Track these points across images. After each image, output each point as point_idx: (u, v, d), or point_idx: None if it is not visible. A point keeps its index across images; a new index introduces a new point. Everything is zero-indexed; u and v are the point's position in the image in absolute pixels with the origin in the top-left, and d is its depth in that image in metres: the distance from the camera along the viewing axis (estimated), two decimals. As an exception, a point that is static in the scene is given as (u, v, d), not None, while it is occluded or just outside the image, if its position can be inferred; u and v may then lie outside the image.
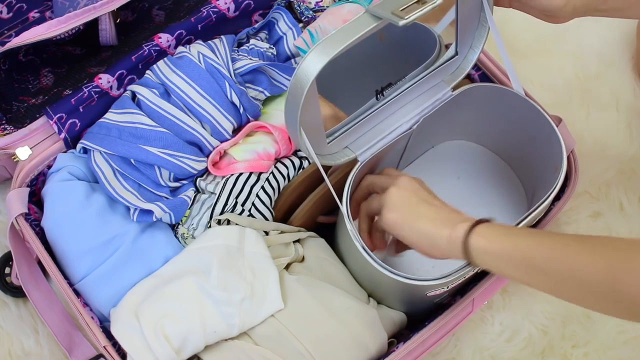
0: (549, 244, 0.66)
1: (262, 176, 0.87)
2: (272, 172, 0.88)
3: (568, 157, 0.86)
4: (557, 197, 0.90)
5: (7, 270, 0.95)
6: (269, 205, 0.87)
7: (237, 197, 0.86)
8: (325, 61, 0.67)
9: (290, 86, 0.69)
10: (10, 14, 0.98)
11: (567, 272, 0.64)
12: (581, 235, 0.67)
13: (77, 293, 0.83)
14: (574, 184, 0.89)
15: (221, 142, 0.89)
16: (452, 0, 0.81)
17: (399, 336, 0.89)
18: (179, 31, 0.92)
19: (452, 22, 0.86)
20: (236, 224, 0.84)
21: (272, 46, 0.96)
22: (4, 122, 0.87)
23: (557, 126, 0.86)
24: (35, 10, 0.99)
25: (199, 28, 0.93)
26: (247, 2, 0.96)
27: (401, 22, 0.66)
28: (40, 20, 0.98)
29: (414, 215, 0.76)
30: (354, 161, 0.83)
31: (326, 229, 0.92)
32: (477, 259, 0.71)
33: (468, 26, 0.85)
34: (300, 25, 0.99)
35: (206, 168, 0.88)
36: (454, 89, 0.88)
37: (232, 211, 0.85)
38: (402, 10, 0.67)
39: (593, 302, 0.65)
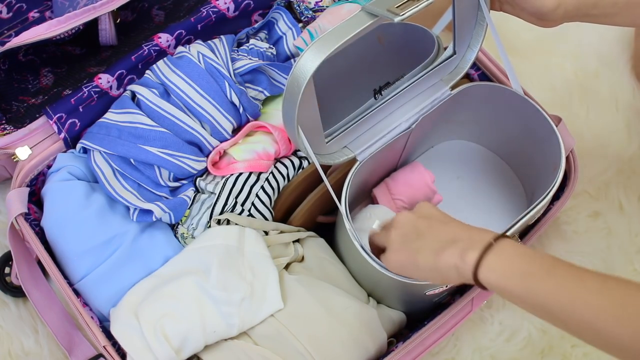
0: (568, 293, 0.60)
1: (261, 176, 0.87)
2: (271, 172, 0.88)
3: (567, 157, 0.86)
4: (557, 197, 0.90)
5: (7, 270, 0.95)
6: (268, 205, 0.87)
7: (236, 197, 0.86)
8: (322, 59, 0.67)
9: (287, 84, 0.69)
10: (10, 14, 0.98)
11: (588, 328, 0.59)
12: (605, 279, 0.60)
13: (77, 293, 0.83)
14: (574, 183, 0.89)
15: (221, 142, 0.89)
16: (450, 0, 0.81)
17: (398, 335, 0.89)
18: (178, 31, 0.92)
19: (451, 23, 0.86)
20: (236, 224, 0.84)
21: (271, 46, 0.96)
22: (3, 122, 0.87)
23: (556, 126, 0.86)
24: (35, 10, 0.99)
25: (199, 28, 0.93)
26: (246, 2, 0.96)
27: (397, 19, 0.66)
28: (40, 20, 0.98)
29: (414, 253, 0.70)
30: (353, 161, 0.83)
31: (326, 228, 0.92)
32: (491, 288, 0.65)
33: (465, 25, 0.85)
34: (300, 25, 0.99)
35: (206, 168, 0.88)
36: (453, 88, 0.88)
37: (232, 211, 0.85)
38: (397, 7, 0.67)
39: (616, 356, 0.60)
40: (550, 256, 0.63)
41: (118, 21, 0.94)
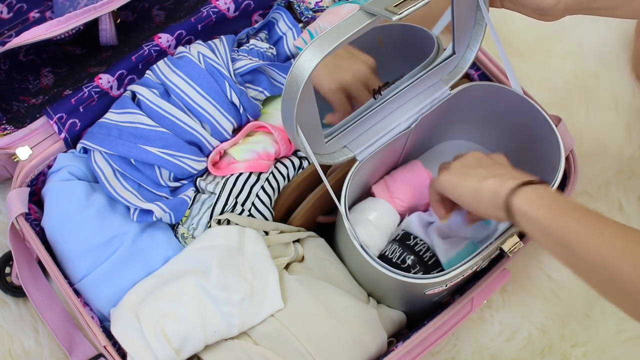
0: (590, 228, 0.64)
1: (262, 176, 0.87)
2: (272, 172, 0.88)
3: (567, 157, 0.86)
4: (556, 197, 0.89)
5: (7, 270, 0.95)
6: (268, 205, 0.87)
7: (237, 197, 0.86)
8: (320, 58, 0.67)
9: (286, 84, 0.69)
10: (11, 14, 0.98)
11: (600, 265, 0.62)
12: (624, 226, 0.64)
13: (77, 293, 0.83)
14: (573, 183, 0.89)
15: (221, 142, 0.89)
16: (449, 1, 0.81)
17: (398, 335, 0.89)
18: (179, 31, 0.92)
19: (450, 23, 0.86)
20: (236, 224, 0.84)
21: (272, 46, 0.96)
22: (4, 122, 0.87)
23: (556, 126, 0.86)
24: (36, 10, 0.99)
25: (199, 28, 0.93)
26: (247, 2, 0.96)
27: (395, 17, 0.66)
28: (41, 20, 0.98)
29: (465, 175, 0.76)
30: (353, 160, 0.83)
31: (326, 228, 0.92)
32: (517, 219, 0.69)
33: (465, 25, 0.85)
34: (300, 25, 0.99)
35: (206, 168, 0.88)
36: (452, 88, 0.88)
37: (232, 211, 0.85)
38: (395, 6, 0.67)
39: (619, 300, 0.63)
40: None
41: (118, 21, 0.94)
